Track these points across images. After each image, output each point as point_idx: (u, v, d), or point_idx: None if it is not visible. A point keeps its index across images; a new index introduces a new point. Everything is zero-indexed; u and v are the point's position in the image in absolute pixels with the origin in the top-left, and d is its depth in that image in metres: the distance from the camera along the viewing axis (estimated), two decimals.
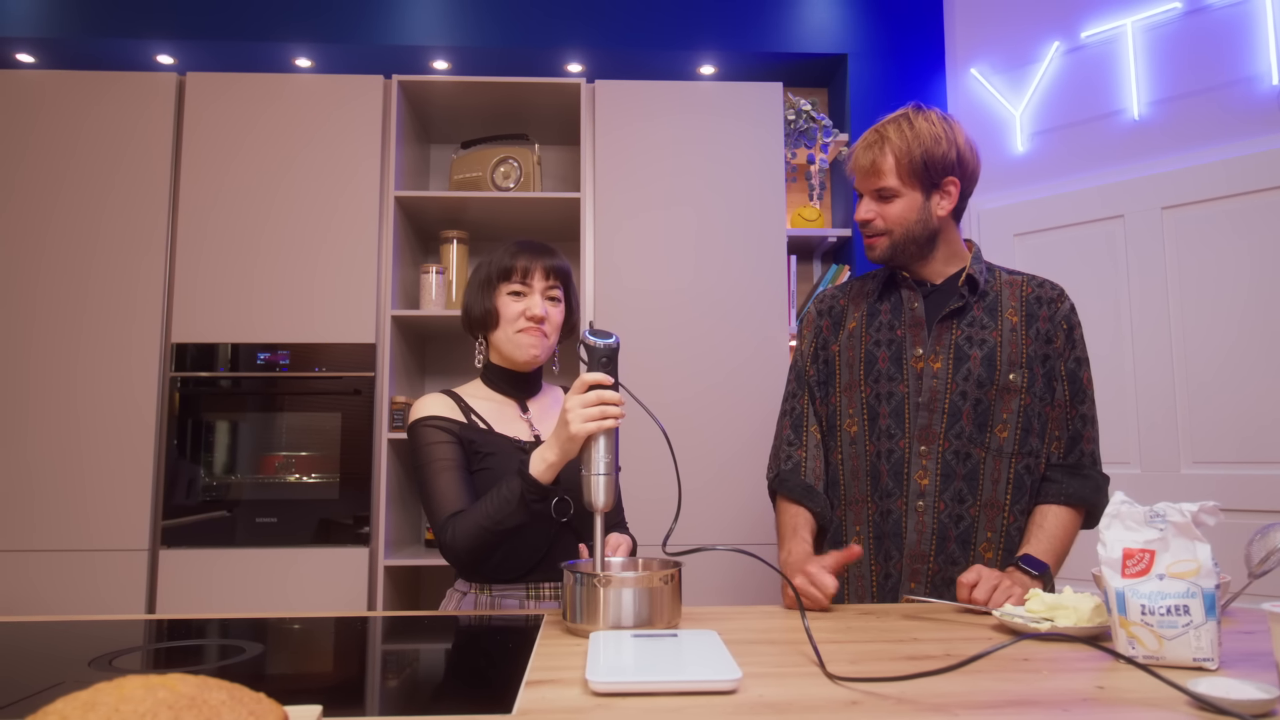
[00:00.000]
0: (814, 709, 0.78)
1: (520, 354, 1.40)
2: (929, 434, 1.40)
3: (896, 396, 1.43)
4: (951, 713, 0.76)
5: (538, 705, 0.79)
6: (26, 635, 1.12)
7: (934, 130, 1.41)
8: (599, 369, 1.18)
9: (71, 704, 0.58)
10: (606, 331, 1.20)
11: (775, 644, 1.05)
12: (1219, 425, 2.36)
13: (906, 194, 1.42)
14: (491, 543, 1.24)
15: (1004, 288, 1.47)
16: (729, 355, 2.63)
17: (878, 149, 1.42)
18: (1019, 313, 1.44)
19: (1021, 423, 1.40)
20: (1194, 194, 2.45)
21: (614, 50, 2.97)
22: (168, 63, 3.03)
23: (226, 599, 2.46)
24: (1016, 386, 1.40)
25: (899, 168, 1.41)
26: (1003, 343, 1.42)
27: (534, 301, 1.39)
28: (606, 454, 1.17)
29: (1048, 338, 1.43)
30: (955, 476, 1.40)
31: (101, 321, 2.56)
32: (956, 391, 1.40)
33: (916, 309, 1.46)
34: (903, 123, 1.42)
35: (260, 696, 0.64)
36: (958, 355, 1.42)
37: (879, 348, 1.47)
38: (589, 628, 1.08)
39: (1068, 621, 1.06)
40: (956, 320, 1.44)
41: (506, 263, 1.40)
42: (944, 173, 1.42)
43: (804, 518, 1.45)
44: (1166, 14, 2.57)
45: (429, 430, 1.35)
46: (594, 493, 1.16)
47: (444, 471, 1.31)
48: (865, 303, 1.52)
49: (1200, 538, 0.94)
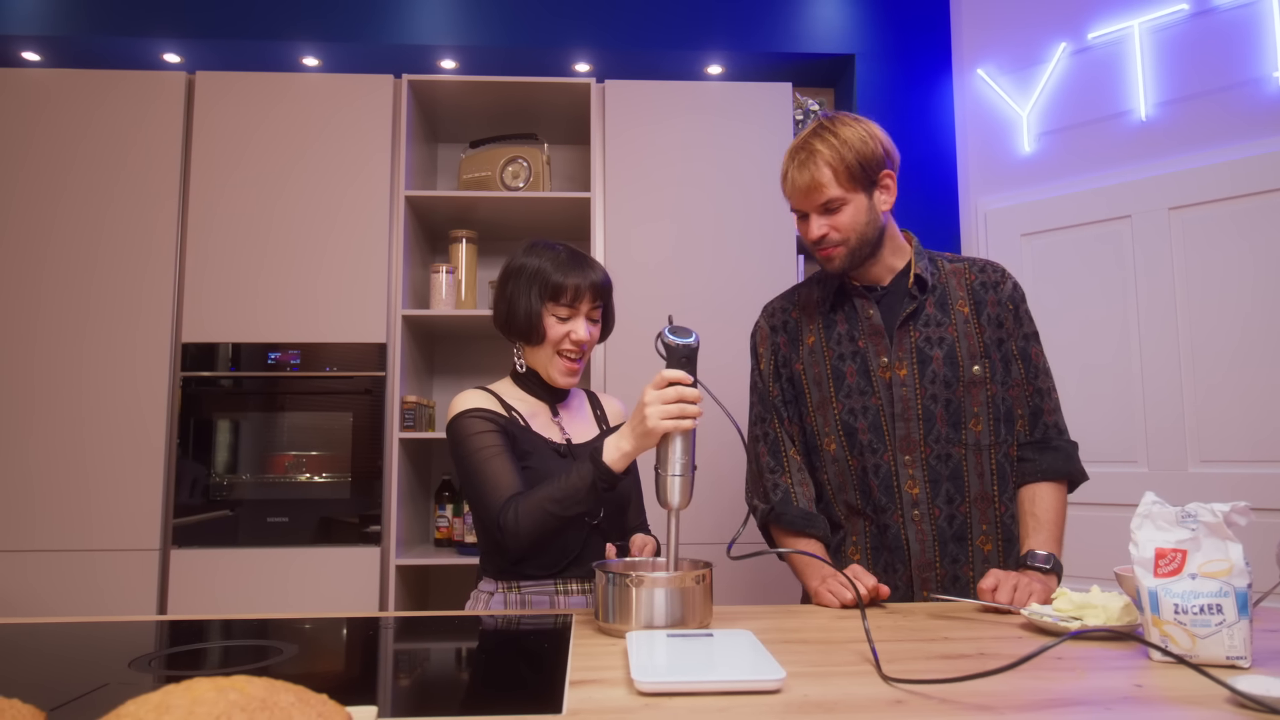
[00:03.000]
0: (860, 708, 0.79)
1: (561, 379, 1.41)
2: (909, 443, 1.41)
3: (872, 410, 1.43)
4: (998, 712, 0.77)
5: (586, 705, 0.80)
6: (56, 637, 1.13)
7: (857, 132, 1.40)
8: (678, 368, 1.15)
9: (143, 706, 0.58)
10: (686, 329, 1.17)
11: (809, 643, 1.05)
12: (1226, 424, 2.38)
13: (852, 199, 1.40)
14: (554, 527, 1.23)
15: (949, 278, 1.48)
16: (739, 356, 2.63)
17: (812, 165, 1.39)
18: (968, 302, 1.46)
19: (993, 413, 1.42)
20: (1201, 195, 2.47)
21: (622, 50, 2.97)
22: (174, 61, 3.02)
23: (237, 599, 2.46)
24: (981, 378, 1.42)
25: (838, 176, 1.39)
26: (959, 337, 1.43)
27: (579, 325, 1.39)
28: (683, 454, 1.15)
29: (998, 321, 1.45)
30: (942, 479, 1.41)
31: (109, 322, 2.55)
32: (927, 396, 1.42)
33: (873, 316, 1.46)
34: (825, 134, 1.40)
35: (324, 698, 0.64)
36: (920, 359, 1.43)
37: (844, 361, 1.46)
38: (622, 627, 1.08)
39: (1097, 620, 1.07)
40: (913, 323, 1.45)
41: (558, 280, 1.37)
42: (878, 169, 1.42)
43: (816, 550, 1.44)
44: (1174, 15, 2.58)
45: (475, 420, 1.34)
46: (669, 492, 1.14)
47: (495, 457, 1.30)
48: (819, 314, 1.51)
49: (1232, 537, 0.95)
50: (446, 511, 2.78)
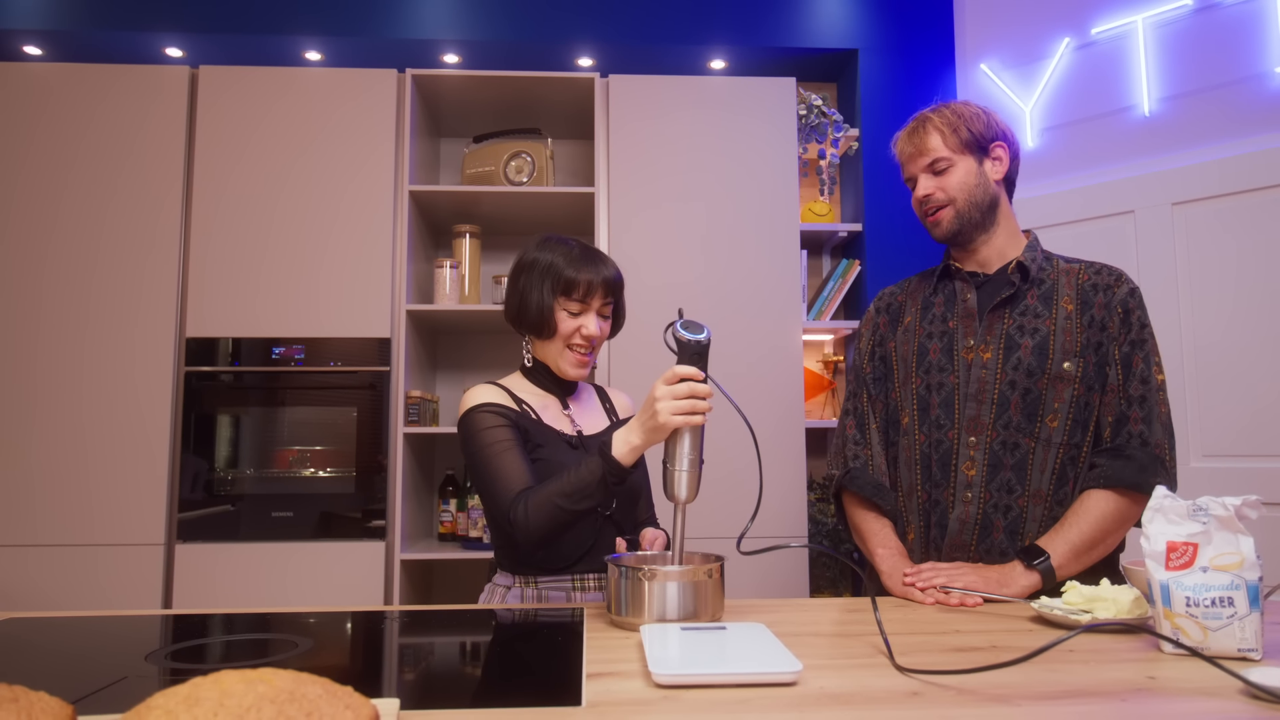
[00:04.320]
0: (877, 700, 0.79)
1: (572, 371, 1.41)
2: (977, 424, 1.41)
3: (947, 387, 1.45)
4: (1014, 704, 0.78)
5: (604, 698, 0.80)
6: (68, 631, 1.13)
7: (971, 109, 1.48)
8: (689, 363, 1.15)
9: (173, 699, 0.59)
10: (698, 324, 1.17)
11: (822, 636, 1.06)
12: (1227, 419, 2.39)
13: (960, 161, 1.45)
14: (564, 521, 1.23)
15: (1060, 275, 1.47)
16: (743, 350, 2.65)
17: (922, 130, 1.47)
18: (1074, 300, 1.43)
19: (1072, 413, 1.39)
20: (1204, 190, 2.47)
21: (625, 44, 2.97)
22: (176, 55, 3.01)
23: (242, 593, 2.46)
24: (1070, 376, 1.39)
25: (946, 141, 1.45)
26: (1056, 331, 1.41)
27: (589, 321, 1.39)
28: (691, 449, 1.15)
29: (1102, 324, 1.41)
30: (1003, 467, 1.40)
31: (112, 317, 2.55)
32: (1005, 381, 1.41)
33: (969, 300, 1.47)
34: (940, 107, 1.49)
35: (350, 690, 0.64)
36: (1008, 345, 1.42)
37: (931, 340, 1.48)
38: (635, 621, 1.09)
39: (1107, 613, 1.08)
40: (1008, 309, 1.44)
41: (570, 275, 1.37)
42: (991, 139, 1.47)
43: (886, 526, 1.48)
44: (1177, 11, 2.58)
45: (486, 415, 1.35)
46: (677, 486, 1.15)
47: (506, 451, 1.30)
48: (922, 296, 1.54)
49: (1243, 531, 0.96)
50: (450, 506, 2.78)
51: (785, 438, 2.65)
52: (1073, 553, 1.32)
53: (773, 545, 1.26)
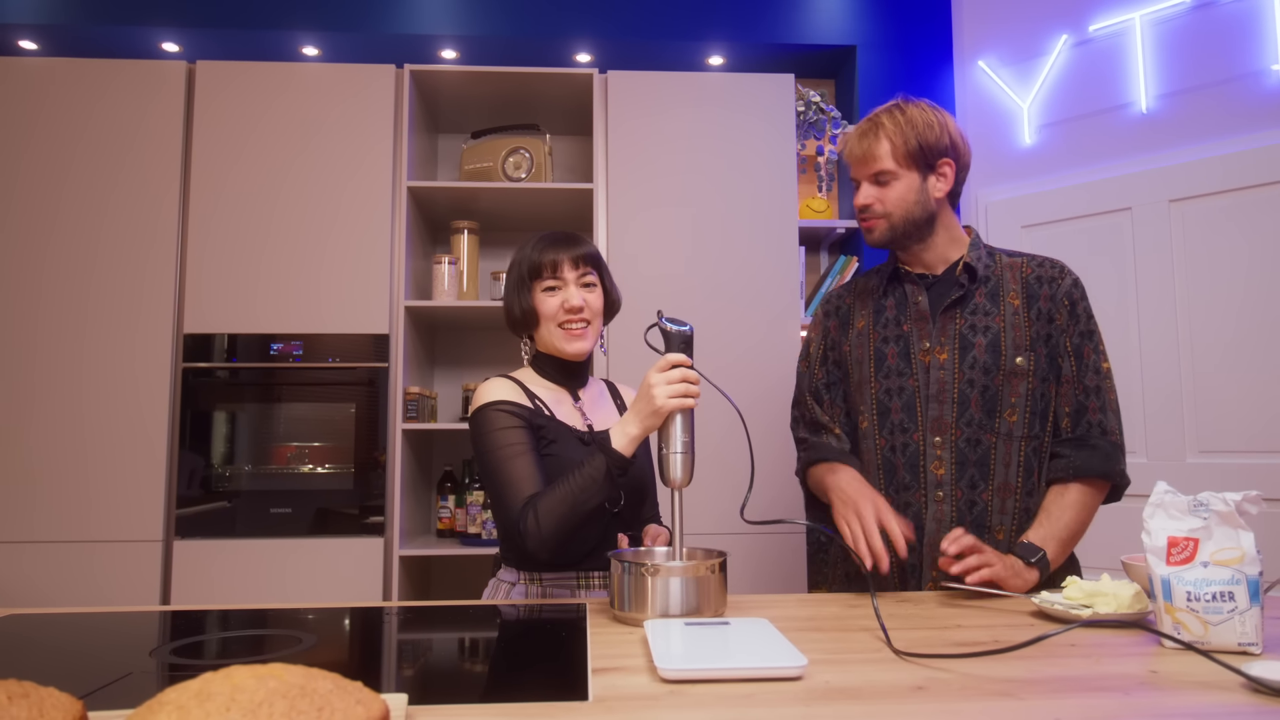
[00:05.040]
0: (882, 693, 0.80)
1: (569, 347, 1.42)
2: (941, 424, 1.43)
3: (907, 391, 1.46)
4: (1017, 696, 0.78)
5: (611, 693, 0.81)
6: (70, 627, 1.13)
7: (926, 117, 1.46)
8: (677, 352, 1.21)
9: (184, 694, 0.59)
10: (680, 320, 1.24)
11: (825, 631, 1.07)
12: (1225, 415, 2.40)
13: (904, 176, 1.46)
14: (575, 523, 1.24)
15: (1005, 271, 1.49)
16: (741, 345, 2.65)
17: (873, 136, 1.46)
18: (1020, 295, 1.46)
19: (1030, 406, 1.42)
20: (1201, 187, 2.48)
21: (623, 40, 2.96)
22: (172, 50, 3.00)
23: (240, 589, 2.46)
24: (1023, 370, 1.42)
25: (894, 152, 1.45)
26: (1006, 327, 1.44)
27: (570, 293, 1.41)
28: (684, 433, 1.20)
29: (1049, 317, 1.45)
30: (968, 464, 1.42)
31: (110, 313, 2.54)
32: (964, 380, 1.43)
33: (920, 302, 1.49)
34: (895, 111, 1.47)
35: (360, 685, 0.65)
36: (962, 344, 1.44)
37: (887, 344, 1.50)
38: (638, 616, 1.09)
39: (1108, 608, 1.08)
40: (959, 309, 1.47)
41: (535, 259, 1.41)
42: (938, 155, 1.46)
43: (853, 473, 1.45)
44: (1175, 8, 2.59)
45: (500, 415, 1.35)
46: (673, 469, 1.19)
47: (518, 456, 1.31)
48: (871, 300, 1.55)
49: (1244, 526, 0.96)
50: (449, 502, 2.78)
51: (783, 431, 2.64)
52: (1061, 545, 1.38)
53: (776, 519, 1.29)
